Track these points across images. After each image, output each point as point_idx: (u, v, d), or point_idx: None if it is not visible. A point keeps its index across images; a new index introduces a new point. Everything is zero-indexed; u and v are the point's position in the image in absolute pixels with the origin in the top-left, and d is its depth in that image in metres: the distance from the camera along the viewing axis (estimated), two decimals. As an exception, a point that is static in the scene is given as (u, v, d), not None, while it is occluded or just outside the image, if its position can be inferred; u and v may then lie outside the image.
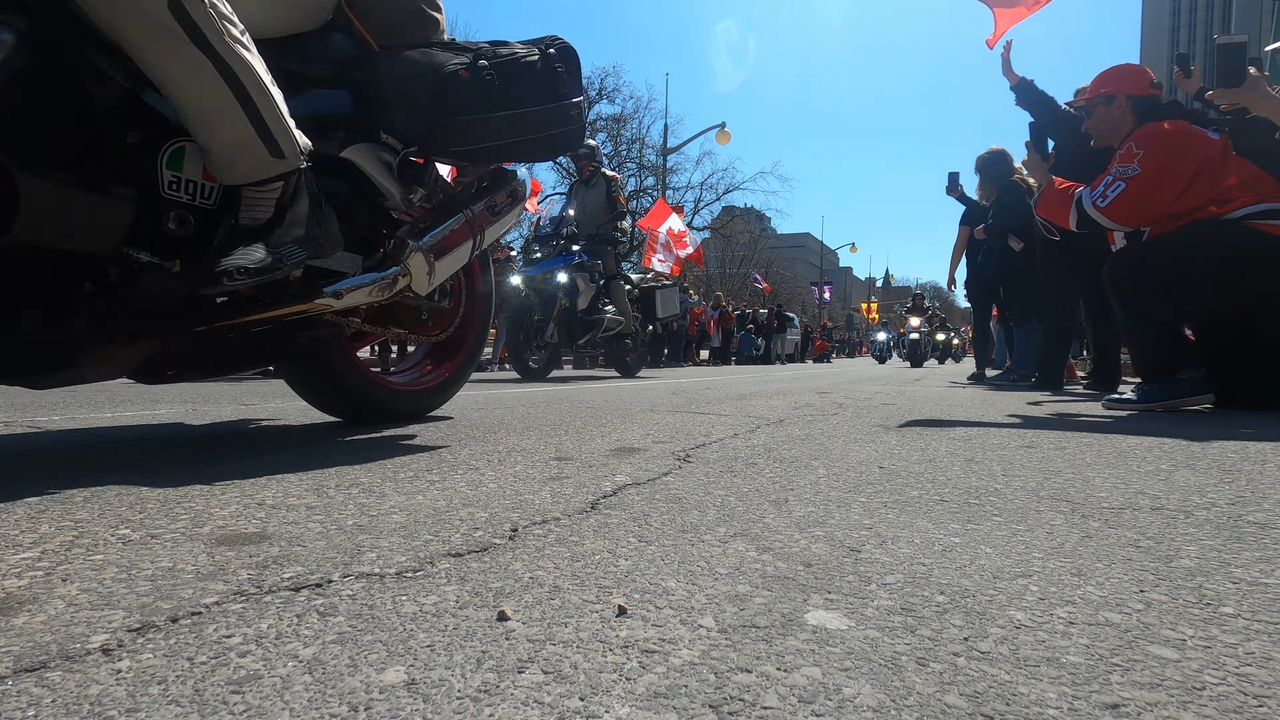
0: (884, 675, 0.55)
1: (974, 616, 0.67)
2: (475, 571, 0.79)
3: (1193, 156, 2.85)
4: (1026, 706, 0.50)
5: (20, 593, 0.70)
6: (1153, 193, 2.90)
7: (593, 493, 1.22)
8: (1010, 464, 1.56)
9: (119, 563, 0.80)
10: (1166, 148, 2.89)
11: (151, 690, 0.51)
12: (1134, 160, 2.92)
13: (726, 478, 1.37)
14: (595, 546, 0.90)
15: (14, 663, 0.55)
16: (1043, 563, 0.84)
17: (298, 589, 0.73)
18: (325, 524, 0.98)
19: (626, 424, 2.30)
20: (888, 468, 1.51)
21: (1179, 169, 2.87)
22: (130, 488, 1.19)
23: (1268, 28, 9.03)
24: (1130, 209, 2.95)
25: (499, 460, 1.54)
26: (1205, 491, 1.27)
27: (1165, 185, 2.88)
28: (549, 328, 5.81)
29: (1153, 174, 2.88)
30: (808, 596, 0.73)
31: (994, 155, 5.97)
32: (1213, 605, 0.71)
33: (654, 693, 0.52)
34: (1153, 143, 2.91)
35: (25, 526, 0.94)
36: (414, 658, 0.57)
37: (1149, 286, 2.89)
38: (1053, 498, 1.21)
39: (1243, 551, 0.90)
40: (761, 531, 0.98)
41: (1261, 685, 0.54)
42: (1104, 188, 2.99)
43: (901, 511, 1.10)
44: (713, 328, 17.52)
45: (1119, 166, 2.97)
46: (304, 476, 1.32)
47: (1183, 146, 2.88)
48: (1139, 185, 2.90)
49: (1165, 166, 2.88)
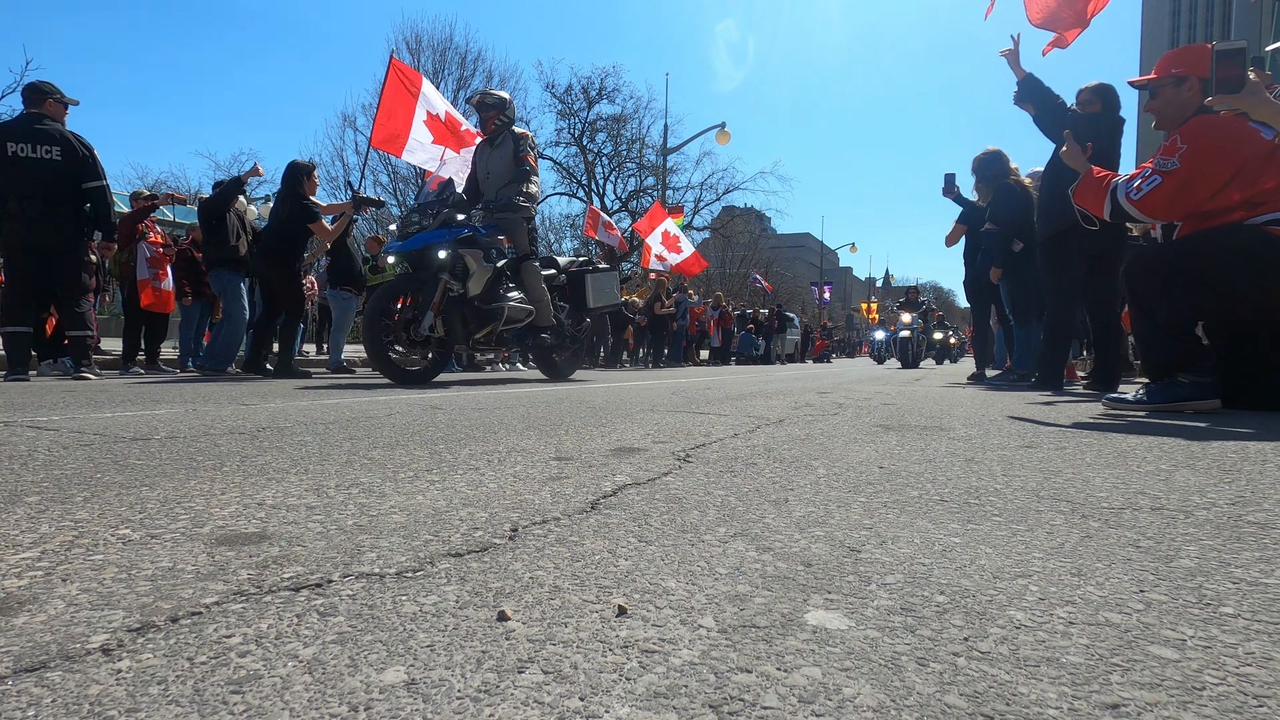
0: (884, 675, 0.55)
1: (974, 616, 0.67)
2: (475, 571, 0.79)
3: (1235, 156, 2.81)
4: (1026, 706, 0.50)
5: (20, 593, 0.70)
6: (1187, 190, 2.86)
7: (593, 493, 1.22)
8: (1010, 464, 1.56)
9: (119, 563, 0.80)
10: (1212, 145, 2.83)
11: (151, 690, 0.51)
12: (1175, 155, 2.87)
13: (726, 478, 1.37)
14: (595, 546, 0.90)
15: (14, 663, 0.55)
16: (1043, 563, 0.84)
17: (298, 589, 0.73)
18: (325, 524, 0.98)
19: (626, 424, 2.30)
20: (888, 468, 1.51)
21: (1218, 168, 2.83)
22: (130, 488, 1.19)
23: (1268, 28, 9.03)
24: (1163, 204, 2.92)
25: (499, 460, 1.54)
26: (1205, 491, 1.27)
27: (1201, 183, 2.85)
28: (426, 318, 4.58)
29: (1190, 171, 2.84)
30: (808, 596, 0.73)
31: (990, 156, 5.97)
32: (1213, 605, 0.71)
33: (654, 693, 0.52)
34: (1199, 139, 2.86)
35: (25, 526, 0.94)
36: (414, 658, 0.57)
37: (1161, 284, 2.87)
38: (1053, 498, 1.21)
39: (1243, 551, 0.90)
40: (761, 531, 0.98)
41: (1261, 685, 0.54)
42: (1140, 180, 2.96)
43: (901, 511, 1.10)
44: (713, 328, 17.52)
45: (1160, 159, 2.92)
46: (304, 476, 1.32)
47: (1228, 145, 2.82)
48: (1174, 180, 2.86)
49: (1204, 165, 2.83)
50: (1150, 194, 2.91)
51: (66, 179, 4.84)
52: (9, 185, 4.70)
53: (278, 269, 5.74)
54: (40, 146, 4.75)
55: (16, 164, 4.70)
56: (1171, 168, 2.87)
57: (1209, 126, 2.87)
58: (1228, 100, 2.66)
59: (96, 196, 4.97)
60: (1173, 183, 2.86)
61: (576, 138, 28.43)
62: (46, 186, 4.77)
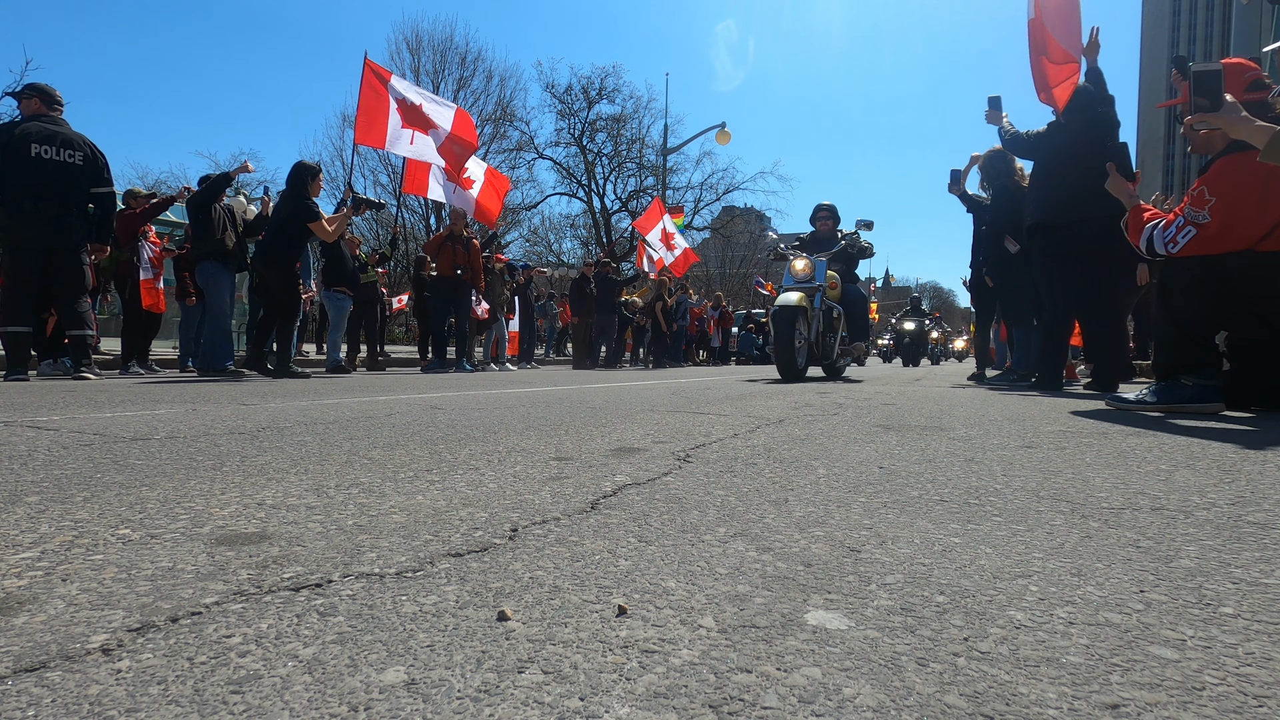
0: (884, 675, 0.55)
1: (974, 616, 0.67)
2: (475, 571, 0.79)
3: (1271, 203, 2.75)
4: (1026, 706, 0.50)
5: (20, 593, 0.70)
6: (1221, 241, 2.83)
7: (593, 493, 1.22)
8: (1010, 464, 1.56)
9: (119, 563, 0.80)
10: (1241, 194, 2.78)
11: (151, 690, 0.51)
12: (1204, 208, 2.83)
13: (726, 478, 1.37)
14: (595, 546, 0.90)
15: (14, 663, 0.55)
16: (1043, 563, 0.84)
17: (298, 589, 0.73)
18: (325, 524, 0.98)
19: (626, 424, 2.30)
20: (888, 468, 1.51)
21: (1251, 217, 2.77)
22: (130, 488, 1.19)
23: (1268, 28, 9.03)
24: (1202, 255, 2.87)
25: (499, 460, 1.54)
26: (1205, 491, 1.27)
27: (1234, 234, 2.81)
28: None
29: (1222, 224, 2.80)
30: (808, 596, 0.73)
31: (994, 155, 5.97)
32: (1213, 605, 0.71)
33: (654, 693, 0.52)
34: (1225, 189, 2.81)
35: (25, 526, 0.94)
36: (414, 658, 0.57)
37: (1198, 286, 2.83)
38: (1053, 498, 1.21)
39: (1243, 552, 0.90)
40: (761, 531, 0.98)
41: (1261, 685, 0.54)
42: (1175, 231, 2.91)
43: (901, 511, 1.10)
44: (713, 328, 17.51)
45: (1190, 209, 2.88)
46: (304, 476, 1.32)
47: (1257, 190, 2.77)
48: (1208, 233, 2.83)
49: (1236, 216, 2.79)
50: (1187, 247, 2.87)
51: (83, 183, 4.92)
52: (28, 185, 4.73)
53: (275, 268, 5.75)
54: (64, 150, 4.82)
55: (40, 165, 4.75)
56: (1203, 221, 2.83)
57: (1235, 173, 2.80)
58: (1206, 119, 2.67)
59: (106, 202, 5.04)
60: (1207, 234, 2.83)
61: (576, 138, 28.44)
62: (65, 190, 4.83)
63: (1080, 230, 4.27)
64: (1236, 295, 2.85)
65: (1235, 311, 2.88)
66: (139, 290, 6.47)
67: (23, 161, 4.71)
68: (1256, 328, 2.91)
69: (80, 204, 4.92)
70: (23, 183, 4.73)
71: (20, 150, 4.71)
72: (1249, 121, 2.56)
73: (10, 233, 4.82)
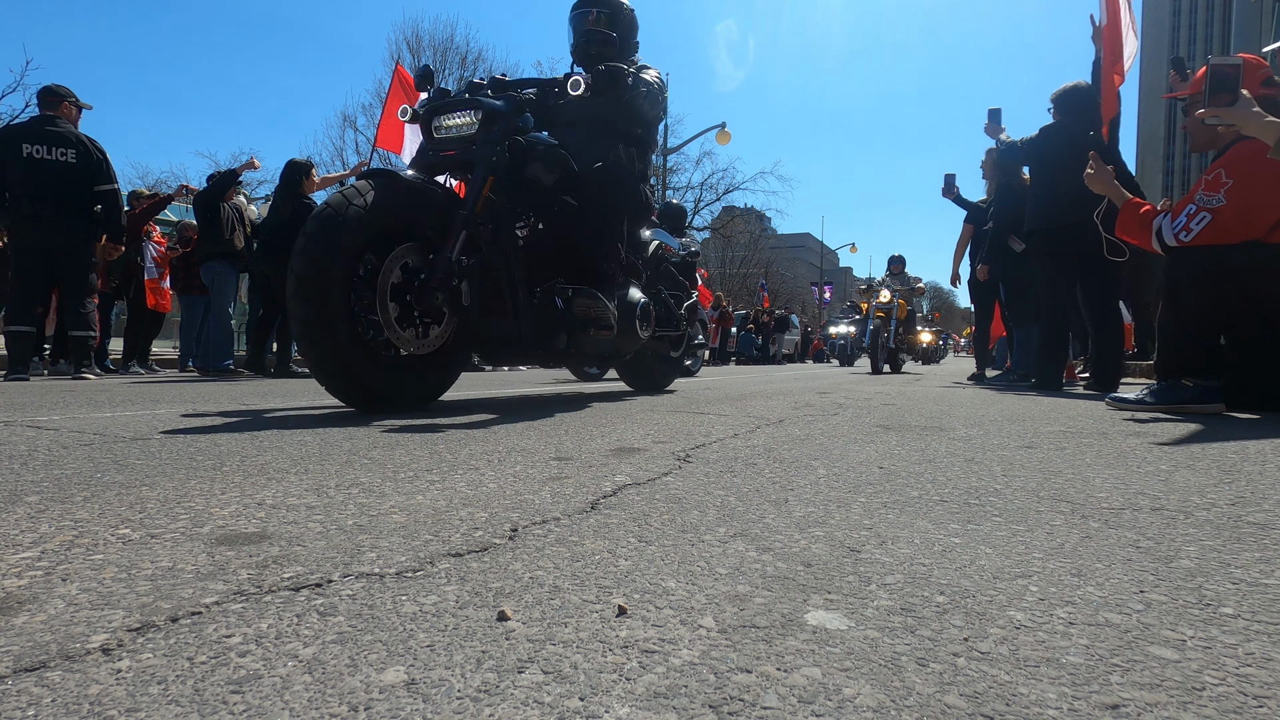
0: (884, 675, 0.55)
1: (974, 617, 0.67)
2: (475, 571, 0.79)
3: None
4: (1026, 707, 0.50)
5: (20, 592, 0.70)
6: (1239, 226, 2.74)
7: (593, 493, 1.22)
8: (1010, 464, 1.56)
9: (119, 562, 0.80)
10: (1259, 175, 2.69)
11: (151, 690, 0.51)
12: (1220, 190, 2.74)
13: (726, 478, 1.37)
14: (595, 546, 0.90)
15: (14, 662, 0.55)
16: (1043, 563, 0.84)
17: (298, 589, 0.73)
18: (325, 524, 0.98)
19: (626, 424, 2.30)
20: (888, 468, 1.51)
21: (1269, 199, 2.69)
22: (130, 488, 1.19)
23: (1268, 28, 9.04)
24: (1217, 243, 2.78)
25: (499, 460, 1.54)
26: (1205, 491, 1.27)
27: (1252, 220, 2.73)
28: None
29: (1239, 209, 2.72)
30: (808, 596, 0.73)
31: (1008, 147, 5.94)
32: (1213, 606, 0.71)
33: (654, 693, 0.52)
34: (1245, 172, 2.72)
35: (25, 526, 0.94)
36: (414, 658, 0.57)
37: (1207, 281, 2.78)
38: (1053, 498, 1.21)
39: (1243, 552, 0.90)
40: (761, 531, 0.98)
41: (1261, 685, 0.54)
42: (1186, 218, 2.81)
43: (901, 511, 1.10)
44: (714, 332, 17.52)
45: (1203, 194, 2.78)
46: (304, 476, 1.32)
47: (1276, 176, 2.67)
48: (1224, 218, 2.74)
49: (1255, 202, 2.71)
50: (1201, 234, 2.78)
51: (80, 182, 4.88)
52: (23, 186, 4.72)
53: (278, 267, 5.75)
54: (55, 149, 4.79)
55: (32, 165, 4.73)
56: (1218, 204, 2.75)
57: (1255, 158, 2.72)
58: (1220, 113, 2.65)
59: (109, 200, 5.00)
60: (1222, 219, 2.75)
61: (577, 138, 28.34)
62: (60, 188, 4.80)
63: (1079, 233, 4.27)
64: (1245, 291, 2.81)
65: (1242, 307, 2.84)
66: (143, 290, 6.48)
67: (16, 162, 4.71)
68: (1260, 326, 2.89)
69: (79, 203, 4.88)
70: (19, 184, 4.73)
71: (12, 151, 4.71)
72: (1262, 117, 2.55)
73: (14, 234, 4.84)
